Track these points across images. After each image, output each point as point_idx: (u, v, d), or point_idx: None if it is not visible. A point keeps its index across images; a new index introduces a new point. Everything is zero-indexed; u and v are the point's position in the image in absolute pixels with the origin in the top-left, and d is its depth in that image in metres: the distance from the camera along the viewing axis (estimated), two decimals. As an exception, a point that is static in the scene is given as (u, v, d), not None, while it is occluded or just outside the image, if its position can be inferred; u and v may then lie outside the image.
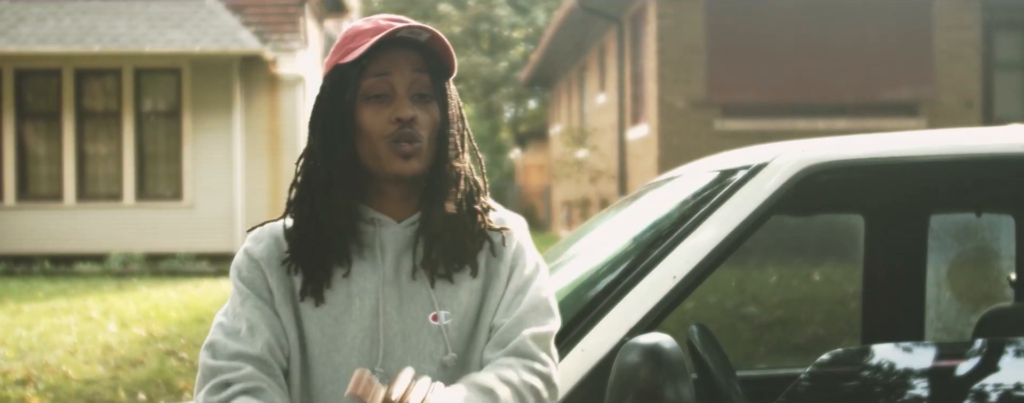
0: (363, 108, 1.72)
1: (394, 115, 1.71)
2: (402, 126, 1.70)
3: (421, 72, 1.73)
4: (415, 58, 1.73)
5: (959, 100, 13.40)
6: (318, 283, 1.73)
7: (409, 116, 1.70)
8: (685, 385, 1.77)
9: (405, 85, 1.72)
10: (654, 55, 13.48)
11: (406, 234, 1.77)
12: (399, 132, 1.70)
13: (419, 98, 1.74)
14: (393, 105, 1.72)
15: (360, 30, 1.74)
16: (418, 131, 1.71)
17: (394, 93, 1.72)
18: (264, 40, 15.37)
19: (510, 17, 33.65)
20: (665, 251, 2.14)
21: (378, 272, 1.74)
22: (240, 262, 1.78)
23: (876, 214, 3.17)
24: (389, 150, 1.71)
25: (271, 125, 15.54)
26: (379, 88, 1.72)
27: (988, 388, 2.33)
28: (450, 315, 1.75)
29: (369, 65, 1.72)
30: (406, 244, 1.76)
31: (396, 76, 1.72)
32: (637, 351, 1.78)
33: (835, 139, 2.45)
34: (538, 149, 31.92)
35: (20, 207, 15.11)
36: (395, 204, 1.77)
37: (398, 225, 1.77)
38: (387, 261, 1.75)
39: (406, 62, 1.73)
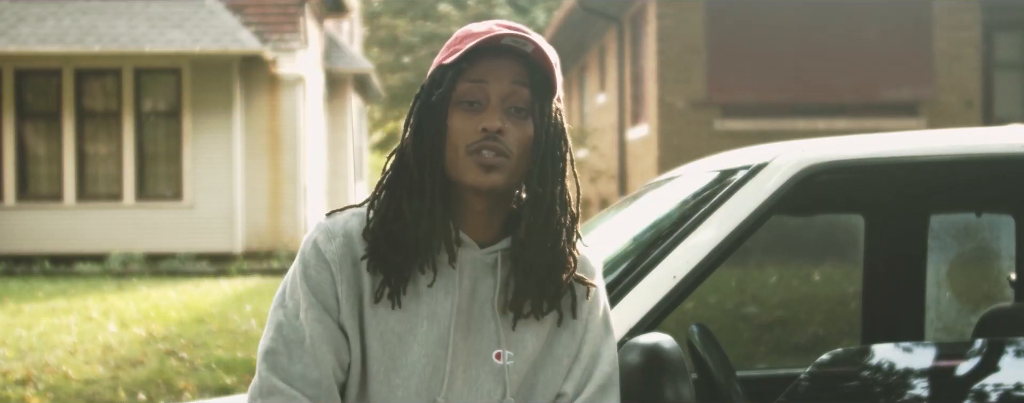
0: (454, 113, 1.62)
1: (481, 124, 1.60)
2: (487, 137, 1.59)
3: (521, 85, 1.62)
4: (518, 69, 1.63)
5: (959, 100, 13.40)
6: (396, 287, 1.62)
7: (496, 127, 1.59)
8: (685, 385, 1.77)
9: (500, 95, 1.61)
10: (654, 55, 13.48)
11: (486, 261, 1.66)
12: (482, 142, 1.59)
13: (515, 112, 1.62)
14: (484, 114, 1.61)
15: (471, 32, 1.64)
16: (505, 145, 1.60)
17: (487, 101, 1.62)
18: (264, 40, 15.37)
19: (510, 17, 33.67)
20: (665, 251, 2.14)
21: (452, 296, 1.64)
22: (310, 258, 1.65)
23: (876, 214, 3.17)
24: (469, 159, 1.60)
25: (271, 125, 15.54)
26: (473, 94, 1.62)
27: (988, 388, 2.33)
28: (513, 356, 1.65)
29: (468, 69, 1.62)
30: (484, 271, 1.66)
31: (492, 84, 1.61)
32: (637, 351, 1.77)
33: (835, 139, 2.45)
34: (538, 149, 31.88)
35: (20, 207, 15.11)
36: (479, 224, 1.66)
37: (480, 251, 1.66)
38: (463, 286, 1.64)
39: (506, 71, 1.62)
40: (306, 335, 1.62)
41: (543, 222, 1.63)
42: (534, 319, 1.66)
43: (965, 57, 13.41)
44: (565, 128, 1.68)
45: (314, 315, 1.63)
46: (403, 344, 1.63)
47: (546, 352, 1.69)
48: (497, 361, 1.64)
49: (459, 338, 1.63)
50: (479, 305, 1.65)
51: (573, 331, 1.70)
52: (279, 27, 15.73)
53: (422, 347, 1.62)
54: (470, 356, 1.64)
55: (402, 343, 1.63)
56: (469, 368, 1.64)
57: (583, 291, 1.71)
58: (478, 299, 1.65)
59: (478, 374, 1.64)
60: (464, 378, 1.64)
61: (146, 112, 15.40)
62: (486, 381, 1.64)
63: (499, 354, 1.65)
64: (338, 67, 20.43)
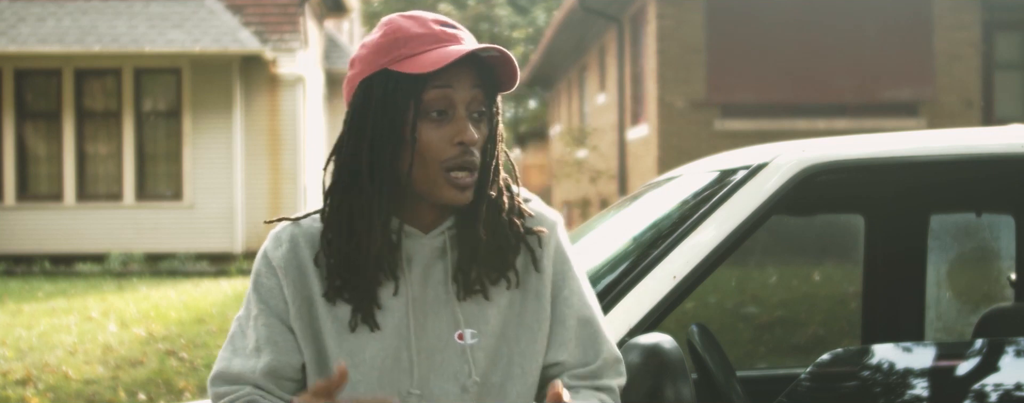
0: (422, 125, 1.59)
1: (456, 138, 1.59)
2: (463, 151, 1.59)
3: (478, 88, 1.62)
4: (473, 73, 1.62)
5: (959, 100, 13.40)
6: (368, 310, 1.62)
7: (474, 139, 1.59)
8: (685, 385, 1.77)
9: (465, 102, 1.60)
10: (654, 55, 13.48)
11: (434, 245, 1.65)
12: (460, 159, 1.59)
13: (476, 116, 1.62)
14: (454, 125, 1.59)
15: (411, 33, 1.60)
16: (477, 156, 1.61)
17: (454, 111, 1.60)
18: (264, 40, 15.37)
19: (510, 17, 33.65)
20: (665, 251, 2.14)
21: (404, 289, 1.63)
22: (260, 267, 1.68)
23: (876, 214, 3.17)
24: (444, 178, 1.59)
25: (271, 125, 15.54)
26: (440, 103, 1.59)
27: (988, 388, 2.33)
28: (477, 334, 1.64)
29: (434, 76, 1.58)
30: (433, 256, 1.65)
31: (458, 91, 1.60)
32: (637, 351, 1.77)
33: (835, 139, 2.45)
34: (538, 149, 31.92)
35: (20, 207, 15.11)
36: (424, 215, 1.66)
37: (425, 236, 1.65)
38: (413, 275, 1.64)
39: (467, 77, 1.61)
40: (252, 341, 1.66)
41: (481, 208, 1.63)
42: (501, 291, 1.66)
43: (965, 57, 13.41)
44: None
45: (263, 321, 1.65)
46: (359, 340, 1.63)
47: (516, 322, 1.67)
48: (459, 341, 1.63)
49: (417, 326, 1.63)
50: (433, 289, 1.65)
51: (538, 295, 1.68)
52: (279, 27, 15.73)
53: (379, 341, 1.62)
54: (433, 341, 1.63)
55: (358, 339, 1.63)
56: (433, 353, 1.63)
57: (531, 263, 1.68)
58: (431, 284, 1.65)
59: (443, 358, 1.63)
60: (429, 364, 1.63)
61: (146, 112, 15.40)
62: (452, 363, 1.63)
63: (461, 334, 1.64)
64: (338, 67, 20.43)
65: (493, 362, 1.65)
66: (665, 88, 13.31)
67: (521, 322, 1.67)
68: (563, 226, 1.76)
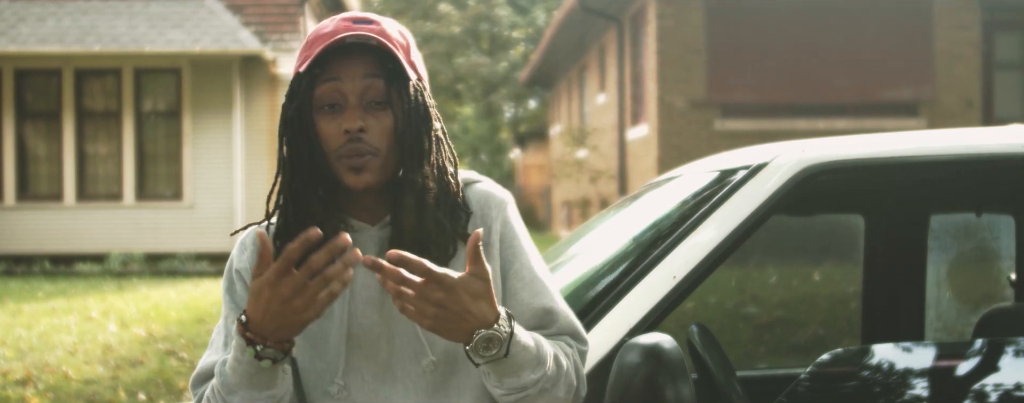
0: (318, 119, 1.67)
1: (342, 127, 1.65)
2: (350, 139, 1.65)
3: (374, 77, 1.66)
4: (368, 63, 1.67)
5: (959, 100, 13.40)
6: None
7: (356, 127, 1.64)
8: (685, 385, 1.77)
9: (356, 93, 1.66)
10: (654, 55, 13.48)
11: (381, 236, 1.72)
12: (347, 147, 1.65)
13: (374, 106, 1.67)
14: (344, 115, 1.66)
15: (320, 34, 1.68)
16: (369, 142, 1.65)
17: (345, 102, 1.66)
18: (264, 40, 15.37)
19: (510, 17, 33.65)
20: (665, 251, 2.14)
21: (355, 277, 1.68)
22: (228, 273, 1.77)
23: (876, 214, 3.17)
24: (339, 164, 1.66)
25: (271, 125, 15.54)
26: (331, 96, 1.66)
27: (988, 388, 2.33)
28: None
29: (321, 72, 1.66)
30: (382, 247, 1.71)
31: (347, 83, 1.66)
32: (637, 351, 1.77)
33: (835, 139, 2.45)
34: (538, 149, 31.93)
35: (20, 207, 15.11)
36: (367, 208, 1.73)
37: (373, 228, 1.73)
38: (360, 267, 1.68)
39: (357, 68, 1.66)
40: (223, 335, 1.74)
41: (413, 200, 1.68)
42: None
43: (965, 57, 13.41)
44: (428, 107, 1.72)
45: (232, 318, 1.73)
46: (322, 331, 1.69)
47: None
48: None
49: (372, 311, 1.69)
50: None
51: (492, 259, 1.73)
52: (279, 27, 15.73)
53: (339, 329, 1.69)
54: (390, 325, 1.69)
55: (321, 330, 1.69)
56: (392, 337, 1.69)
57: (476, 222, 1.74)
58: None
59: (401, 341, 1.69)
60: (389, 348, 1.69)
61: (146, 112, 15.40)
62: (410, 346, 1.69)
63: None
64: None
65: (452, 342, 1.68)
66: (665, 88, 13.31)
67: None
68: (513, 204, 1.80)
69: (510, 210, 1.78)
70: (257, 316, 1.54)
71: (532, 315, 1.73)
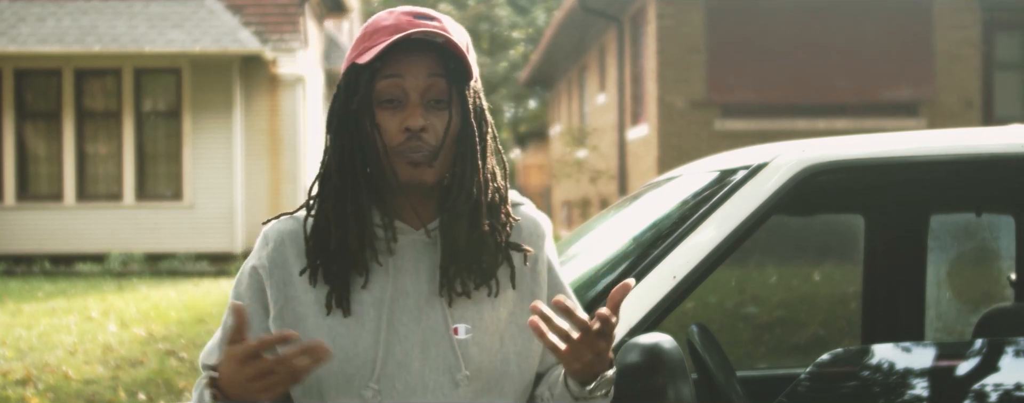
0: (377, 113, 1.64)
1: (404, 124, 1.62)
2: (410, 136, 1.62)
3: (437, 77, 1.63)
4: (431, 61, 1.63)
5: (959, 100, 13.40)
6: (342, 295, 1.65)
7: (419, 125, 1.61)
8: (685, 385, 1.77)
9: (419, 90, 1.63)
10: (654, 55, 13.48)
11: (425, 241, 1.68)
12: (406, 143, 1.62)
13: (434, 104, 1.64)
14: (405, 112, 1.63)
15: (379, 26, 1.65)
16: (428, 141, 1.62)
17: (407, 98, 1.63)
18: (264, 40, 15.37)
19: (510, 17, 33.64)
20: (665, 251, 2.14)
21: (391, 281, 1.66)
22: (246, 267, 1.73)
23: (876, 214, 3.17)
24: (398, 159, 1.62)
25: (271, 125, 15.54)
26: (391, 92, 1.63)
27: (988, 388, 2.33)
28: (471, 330, 1.66)
29: (383, 66, 1.63)
30: (424, 251, 1.68)
31: (409, 80, 1.63)
32: (637, 351, 1.77)
33: (835, 139, 2.45)
34: (538, 149, 31.93)
35: (20, 207, 15.11)
36: (412, 210, 1.68)
37: (415, 232, 1.68)
38: (404, 269, 1.67)
39: (421, 65, 1.63)
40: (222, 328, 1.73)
41: (464, 203, 1.65)
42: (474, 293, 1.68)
43: (965, 57, 13.41)
44: (484, 109, 1.70)
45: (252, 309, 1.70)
46: (352, 336, 1.64)
47: (512, 322, 1.70)
48: (454, 336, 1.66)
49: (409, 319, 1.65)
50: (424, 284, 1.67)
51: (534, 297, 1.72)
52: (279, 27, 15.73)
53: (371, 334, 1.64)
54: (426, 335, 1.65)
55: (351, 335, 1.64)
56: (427, 347, 1.65)
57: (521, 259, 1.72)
58: (423, 278, 1.67)
59: (437, 352, 1.65)
60: (423, 358, 1.64)
61: (146, 112, 15.40)
62: (445, 357, 1.65)
63: (456, 329, 1.66)
64: (338, 67, 20.42)
65: (488, 358, 1.66)
66: (665, 88, 13.31)
67: (518, 323, 1.70)
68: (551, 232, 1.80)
69: (550, 238, 1.80)
70: (223, 378, 1.53)
71: None
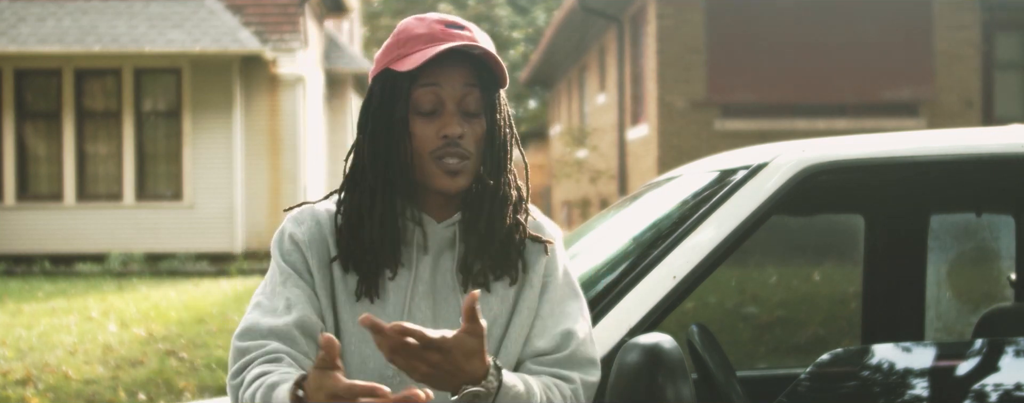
0: (412, 120, 1.70)
1: (442, 131, 1.69)
2: (448, 143, 1.69)
3: (472, 86, 1.71)
4: (466, 71, 1.71)
5: (959, 100, 13.40)
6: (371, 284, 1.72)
7: (457, 134, 1.69)
8: (685, 385, 1.77)
9: (455, 100, 1.70)
10: (654, 55, 13.48)
11: (446, 234, 1.76)
12: (444, 150, 1.69)
13: (468, 113, 1.71)
14: (441, 120, 1.70)
15: (413, 34, 1.71)
16: (466, 148, 1.70)
17: (443, 107, 1.70)
18: (264, 40, 15.37)
19: (510, 17, 33.66)
20: (665, 251, 2.14)
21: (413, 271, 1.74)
22: (282, 242, 1.76)
23: (876, 214, 3.17)
24: (435, 166, 1.70)
25: (271, 125, 15.54)
26: (428, 101, 1.70)
27: (988, 388, 2.33)
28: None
29: (420, 75, 1.70)
30: (445, 244, 1.76)
31: (446, 89, 1.70)
32: (637, 351, 1.78)
33: (835, 139, 2.45)
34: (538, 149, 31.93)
35: (20, 207, 15.11)
36: (437, 207, 1.76)
37: (438, 225, 1.76)
38: (425, 260, 1.75)
39: (458, 76, 1.70)
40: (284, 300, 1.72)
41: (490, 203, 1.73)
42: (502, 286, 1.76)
43: (965, 57, 13.41)
44: (511, 116, 1.78)
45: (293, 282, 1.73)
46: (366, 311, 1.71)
47: (512, 310, 1.77)
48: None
49: (426, 307, 1.73)
50: (442, 275, 1.75)
51: (532, 287, 1.78)
52: (279, 27, 15.73)
53: (391, 318, 1.71)
54: (440, 324, 1.71)
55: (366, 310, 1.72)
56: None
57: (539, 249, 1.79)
58: (441, 270, 1.75)
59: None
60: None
61: (146, 112, 15.40)
62: None
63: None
64: (338, 67, 20.43)
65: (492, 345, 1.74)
66: (665, 88, 13.31)
67: (517, 310, 1.77)
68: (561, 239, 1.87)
69: (559, 243, 1.84)
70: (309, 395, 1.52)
71: (550, 337, 1.76)
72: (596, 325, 2.06)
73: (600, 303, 2.10)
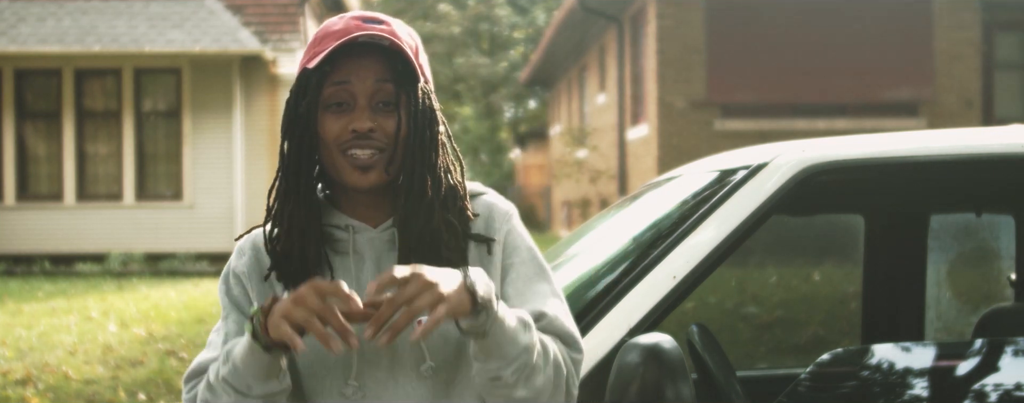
0: (323, 116, 1.67)
1: (350, 126, 1.65)
2: (356, 137, 1.65)
3: (384, 81, 1.67)
4: (379, 65, 1.67)
5: (959, 100, 13.40)
6: None
7: (365, 128, 1.65)
8: (685, 385, 1.77)
9: (366, 94, 1.66)
10: (654, 55, 13.48)
11: (383, 239, 1.72)
12: (353, 143, 1.65)
13: (383, 107, 1.67)
14: (353, 114, 1.66)
15: (329, 31, 1.68)
16: (378, 141, 1.66)
17: (354, 102, 1.66)
18: (264, 40, 15.37)
19: (510, 17, 33.64)
20: (665, 251, 2.14)
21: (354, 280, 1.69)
22: (226, 278, 1.76)
23: (876, 214, 3.17)
24: (344, 160, 1.66)
25: (271, 125, 15.54)
26: (339, 96, 1.66)
27: (988, 388, 2.33)
28: None
29: (332, 72, 1.66)
30: (384, 249, 1.71)
31: (357, 84, 1.66)
32: (637, 351, 1.77)
33: (835, 139, 2.45)
34: (538, 149, 31.93)
35: (20, 207, 15.11)
36: (368, 210, 1.73)
37: (374, 231, 1.72)
38: (365, 269, 1.70)
39: (369, 70, 1.66)
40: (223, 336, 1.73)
41: (417, 201, 1.67)
42: None
43: (965, 57, 13.41)
44: (434, 109, 1.71)
45: (234, 318, 1.73)
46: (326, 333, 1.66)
47: None
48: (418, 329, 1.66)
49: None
50: None
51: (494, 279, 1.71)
52: (279, 27, 15.73)
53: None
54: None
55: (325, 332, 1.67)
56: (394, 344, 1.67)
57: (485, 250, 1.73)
58: None
59: (403, 346, 1.67)
60: (392, 354, 1.68)
61: (146, 112, 15.40)
62: (411, 353, 1.68)
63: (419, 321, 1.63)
64: (338, 67, 20.43)
65: (452, 348, 1.68)
66: (665, 88, 13.31)
67: None
68: (517, 216, 1.79)
69: (515, 221, 1.77)
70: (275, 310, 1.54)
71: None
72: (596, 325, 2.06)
73: (600, 303, 2.10)
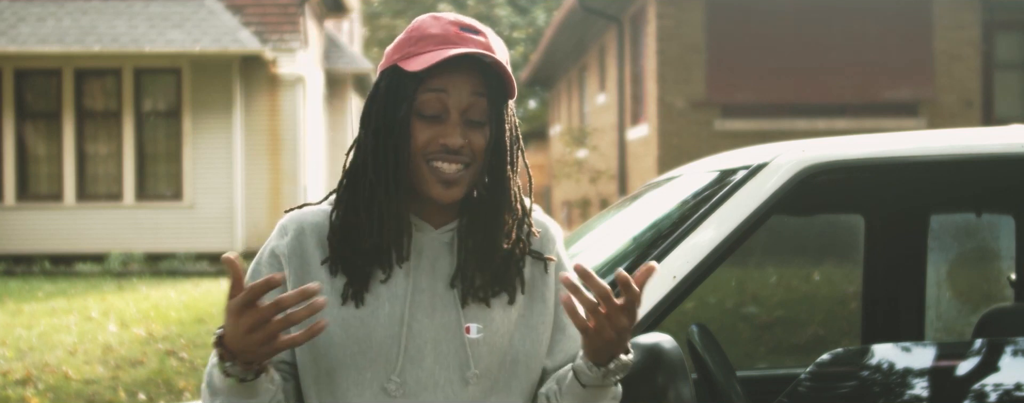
0: (415, 122, 1.64)
1: (441, 139, 1.63)
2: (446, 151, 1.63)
3: (479, 96, 1.64)
4: (476, 79, 1.64)
5: (959, 100, 13.40)
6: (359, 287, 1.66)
7: (457, 145, 1.62)
8: (685, 385, 1.77)
9: (460, 108, 1.64)
10: (654, 55, 13.47)
11: (443, 240, 1.70)
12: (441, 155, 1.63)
13: (473, 122, 1.65)
14: (443, 127, 1.63)
15: (426, 33, 1.65)
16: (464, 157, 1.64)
17: (447, 114, 1.63)
18: (264, 40, 15.37)
19: (510, 17, 33.64)
20: (665, 251, 2.14)
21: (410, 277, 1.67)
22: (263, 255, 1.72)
23: (876, 214, 3.17)
24: (429, 172, 1.63)
25: (271, 125, 15.54)
26: (433, 106, 1.63)
27: (988, 388, 2.33)
28: (482, 330, 1.67)
29: (428, 77, 1.63)
30: (442, 250, 1.70)
31: (453, 96, 1.63)
32: (637, 351, 1.77)
33: (835, 139, 2.45)
34: (538, 149, 31.92)
35: (20, 207, 15.11)
36: (432, 209, 1.71)
37: (435, 231, 1.70)
38: (421, 267, 1.68)
39: (466, 83, 1.64)
40: None
41: (491, 214, 1.68)
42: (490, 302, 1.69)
43: (965, 57, 13.41)
44: (517, 126, 1.71)
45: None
46: (366, 327, 1.65)
47: (521, 323, 1.72)
48: (466, 335, 1.67)
49: (424, 316, 1.66)
50: (441, 282, 1.69)
51: (544, 299, 1.73)
52: (279, 27, 15.73)
53: (385, 329, 1.65)
54: (439, 332, 1.67)
55: (365, 326, 1.65)
56: (439, 344, 1.66)
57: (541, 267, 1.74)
58: (439, 277, 1.69)
59: (449, 349, 1.66)
60: (434, 354, 1.66)
61: (146, 112, 15.40)
62: (457, 355, 1.66)
63: (468, 328, 1.67)
64: (338, 67, 20.43)
65: (497, 358, 1.68)
66: (665, 88, 13.31)
67: (527, 323, 1.72)
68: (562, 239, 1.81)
69: (561, 242, 1.80)
70: (228, 335, 1.53)
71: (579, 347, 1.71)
72: (596, 325, 2.05)
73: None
